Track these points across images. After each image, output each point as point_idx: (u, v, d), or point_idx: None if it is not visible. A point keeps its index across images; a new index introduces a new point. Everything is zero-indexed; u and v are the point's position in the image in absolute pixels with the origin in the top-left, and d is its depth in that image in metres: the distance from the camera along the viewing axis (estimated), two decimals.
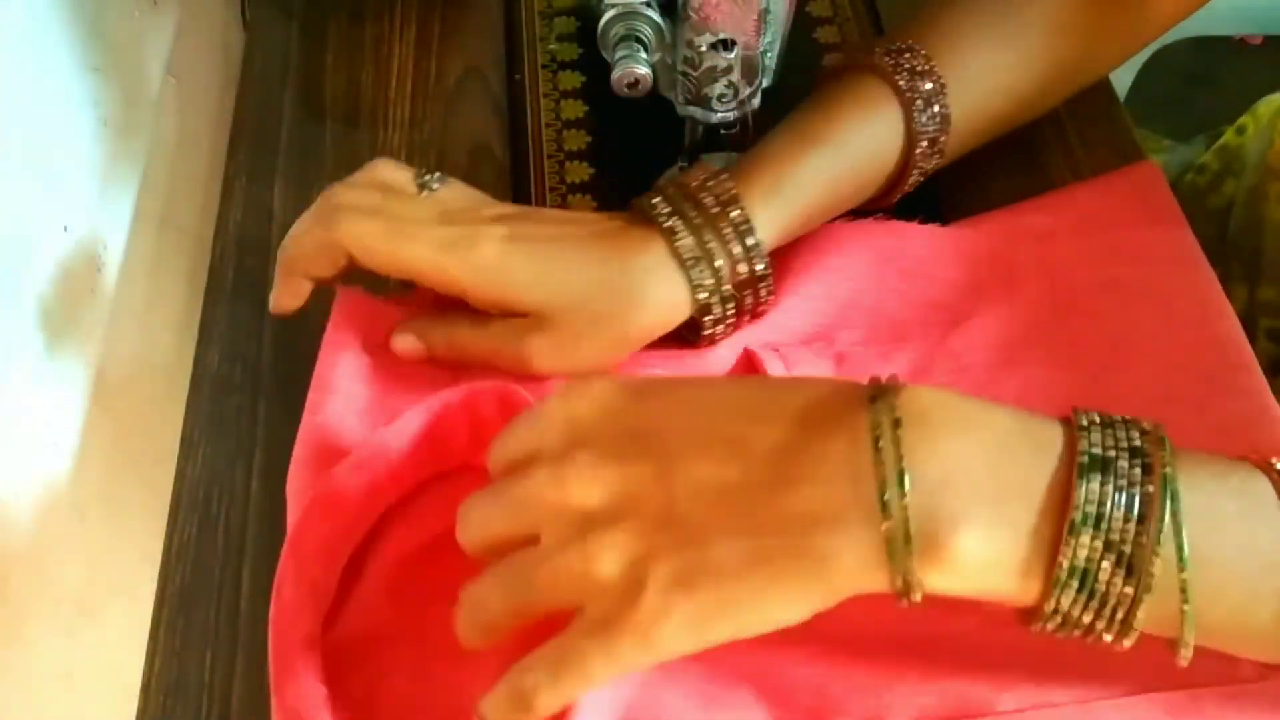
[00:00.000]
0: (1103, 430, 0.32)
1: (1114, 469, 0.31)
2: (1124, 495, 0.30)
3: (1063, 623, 0.32)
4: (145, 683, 0.44)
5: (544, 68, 0.64)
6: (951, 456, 0.31)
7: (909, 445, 0.30)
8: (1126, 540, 0.30)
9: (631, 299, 0.44)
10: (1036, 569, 0.31)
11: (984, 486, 0.31)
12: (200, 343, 0.53)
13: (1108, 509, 0.30)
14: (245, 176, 0.59)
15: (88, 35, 0.55)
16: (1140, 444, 0.31)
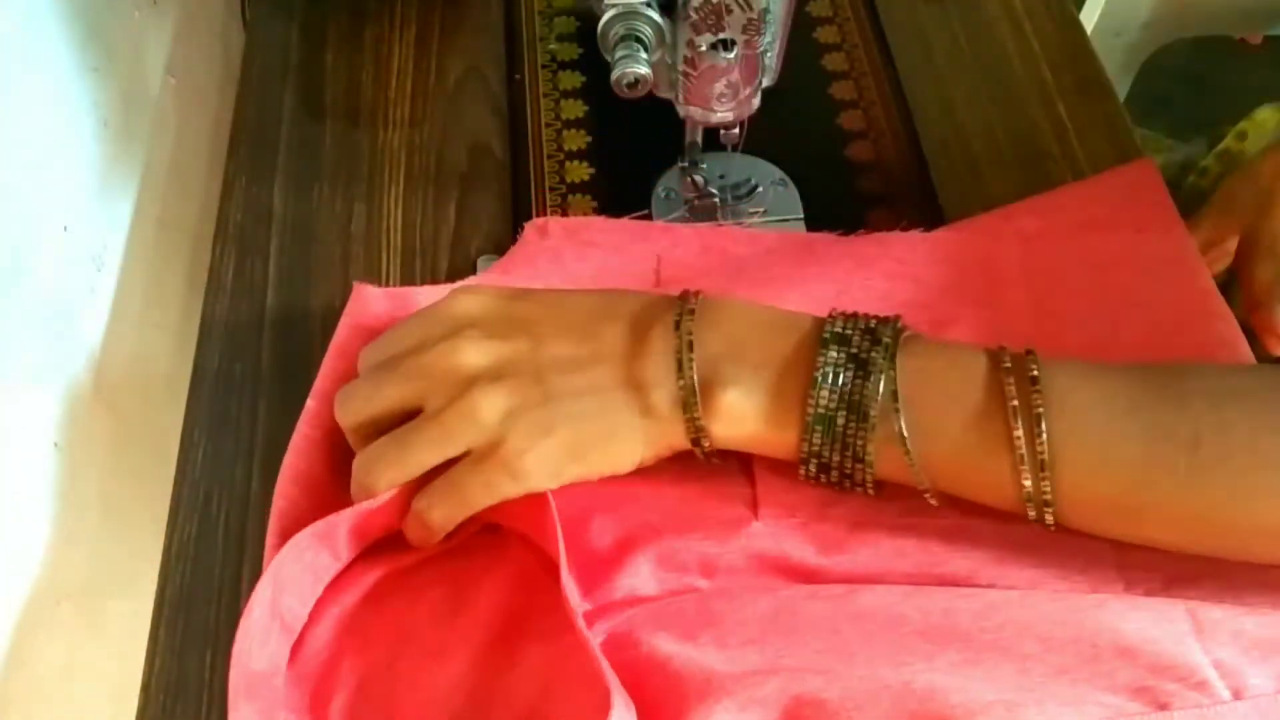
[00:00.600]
0: (845, 319, 0.41)
1: (849, 341, 0.40)
2: (855, 361, 0.40)
3: (820, 467, 0.41)
4: (145, 682, 0.44)
5: (544, 67, 0.64)
6: (726, 336, 0.41)
7: (698, 328, 0.41)
8: (856, 392, 0.39)
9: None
10: (790, 422, 0.41)
11: (747, 358, 0.41)
12: (200, 343, 0.53)
13: (842, 372, 0.40)
14: (245, 176, 0.59)
15: (87, 35, 0.55)
16: (873, 327, 0.41)
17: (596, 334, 0.42)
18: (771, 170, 0.58)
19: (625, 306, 0.43)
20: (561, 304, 0.44)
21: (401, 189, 0.59)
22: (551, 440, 0.41)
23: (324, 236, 0.57)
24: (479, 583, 0.43)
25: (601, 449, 0.42)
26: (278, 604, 0.40)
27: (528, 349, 0.42)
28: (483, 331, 0.42)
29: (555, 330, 0.42)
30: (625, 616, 0.41)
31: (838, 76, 0.63)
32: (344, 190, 0.59)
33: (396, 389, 0.42)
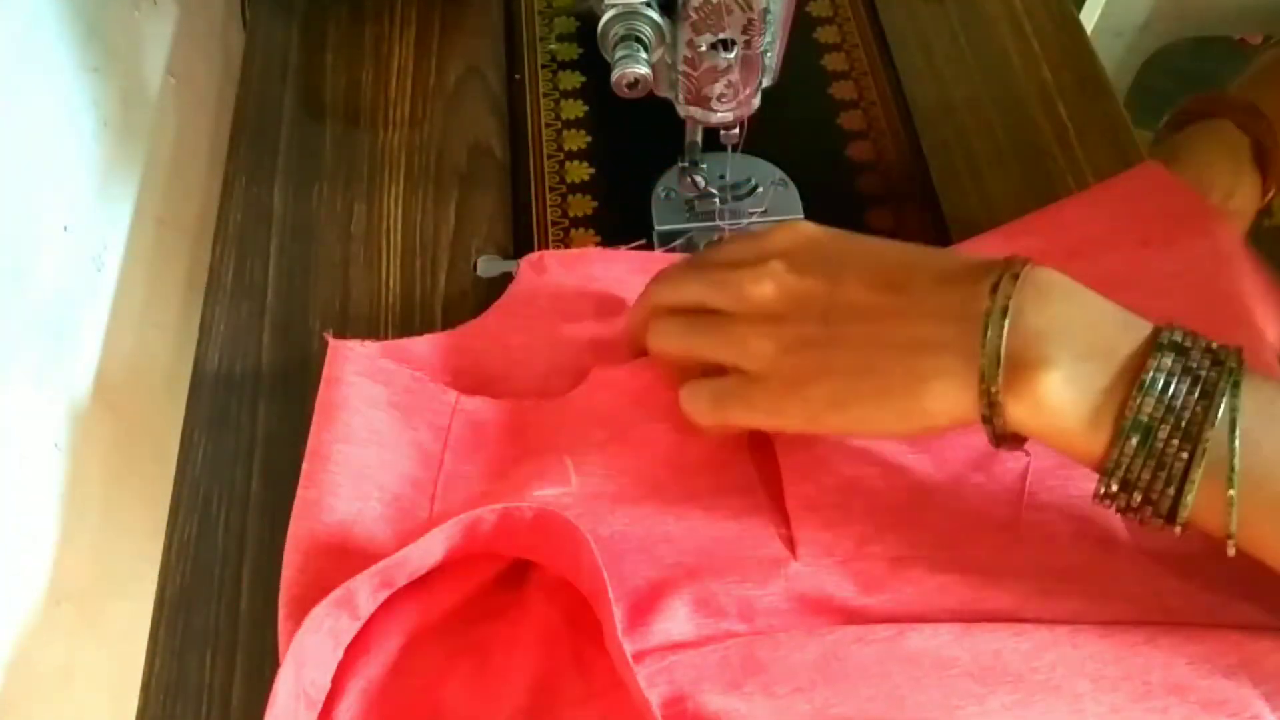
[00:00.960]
0: (1185, 333, 0.36)
1: (1187, 354, 0.35)
2: (1190, 375, 0.35)
3: (1124, 484, 0.36)
4: (145, 682, 0.44)
5: (544, 67, 0.64)
6: (1052, 315, 0.37)
7: (1019, 299, 0.37)
8: (1187, 409, 0.35)
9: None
10: (1104, 423, 0.36)
11: (1074, 344, 0.36)
12: (200, 343, 0.53)
13: (1174, 382, 0.35)
14: (245, 176, 0.59)
15: (87, 35, 0.55)
16: (1215, 348, 0.36)
17: (902, 285, 0.39)
18: (771, 170, 0.58)
19: (945, 262, 0.40)
20: (878, 249, 0.42)
21: (401, 189, 0.59)
22: (818, 386, 0.40)
23: (324, 236, 0.57)
24: (506, 649, 0.42)
25: (867, 405, 0.39)
26: (300, 681, 0.38)
27: (824, 290, 0.40)
28: (787, 265, 0.41)
29: (860, 274, 0.40)
30: (665, 665, 0.39)
31: (838, 76, 0.63)
32: (344, 190, 0.59)
33: (700, 290, 0.43)
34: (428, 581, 0.42)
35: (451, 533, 0.40)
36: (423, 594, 0.42)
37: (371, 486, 0.44)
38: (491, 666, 0.41)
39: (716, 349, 0.43)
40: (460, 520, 0.39)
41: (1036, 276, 0.38)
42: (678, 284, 0.45)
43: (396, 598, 0.42)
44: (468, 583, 0.43)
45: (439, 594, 0.43)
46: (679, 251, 0.55)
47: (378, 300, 0.54)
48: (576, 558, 0.40)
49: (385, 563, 0.39)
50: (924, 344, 0.38)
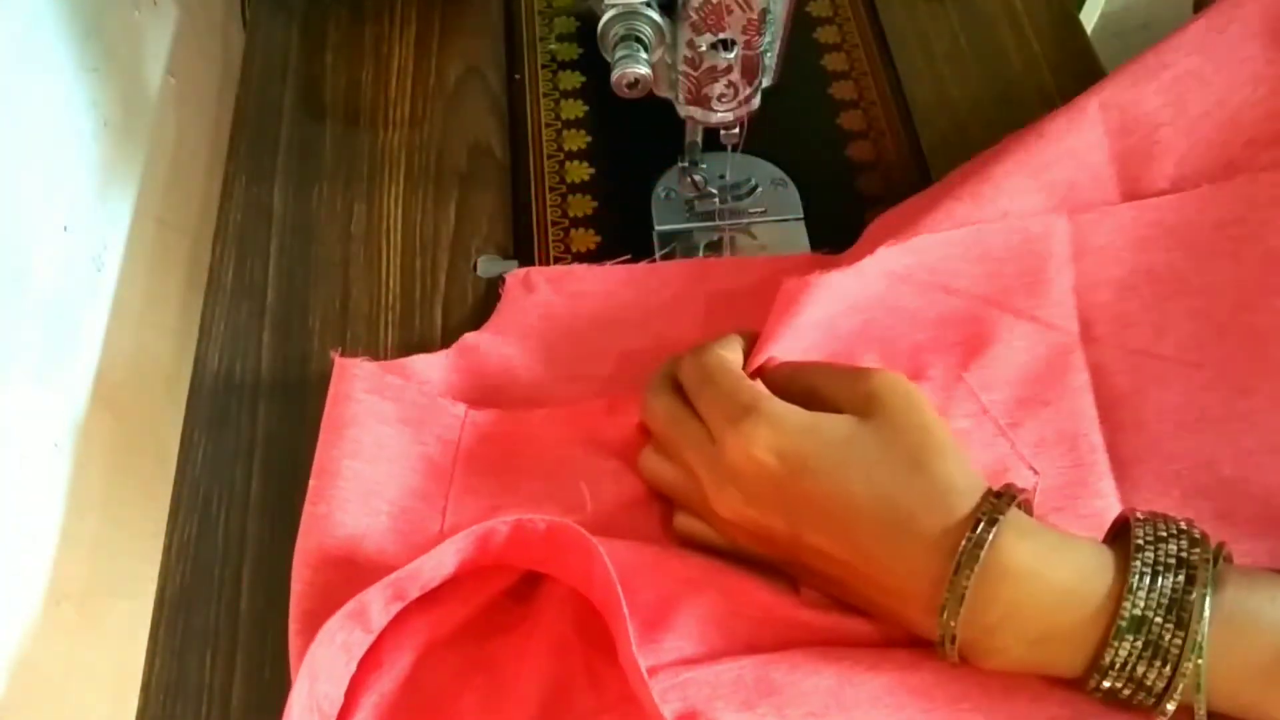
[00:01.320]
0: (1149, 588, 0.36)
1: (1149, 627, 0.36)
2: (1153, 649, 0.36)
3: (1105, 696, 0.37)
4: (145, 682, 0.44)
5: (544, 67, 0.64)
6: (1007, 605, 0.37)
7: (975, 591, 0.37)
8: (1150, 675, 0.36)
9: None
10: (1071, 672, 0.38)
11: (1028, 631, 0.37)
12: (200, 343, 0.53)
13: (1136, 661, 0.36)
14: (245, 176, 0.59)
15: (87, 35, 0.55)
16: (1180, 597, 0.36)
17: (865, 552, 0.39)
18: (771, 170, 0.58)
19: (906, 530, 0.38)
20: (835, 503, 0.39)
21: (401, 189, 0.59)
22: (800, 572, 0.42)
23: (324, 236, 0.57)
24: (518, 663, 0.41)
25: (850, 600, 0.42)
26: (314, 695, 0.38)
27: (784, 530, 0.40)
28: (745, 498, 0.40)
29: (817, 530, 0.40)
30: (678, 681, 0.39)
31: (838, 76, 0.63)
32: (344, 190, 0.59)
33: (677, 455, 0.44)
34: (440, 595, 0.42)
35: (463, 545, 0.40)
36: (435, 607, 0.42)
37: (381, 501, 0.44)
38: (503, 680, 0.41)
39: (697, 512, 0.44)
40: (473, 532, 0.39)
41: (997, 564, 0.37)
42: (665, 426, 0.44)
43: (408, 611, 0.41)
44: (479, 595, 0.43)
45: (451, 607, 0.42)
46: (675, 256, 0.55)
47: (378, 300, 0.54)
48: (589, 570, 0.40)
49: (397, 574, 0.39)
50: (888, 608, 0.40)
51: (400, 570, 0.39)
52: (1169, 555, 0.37)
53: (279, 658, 0.44)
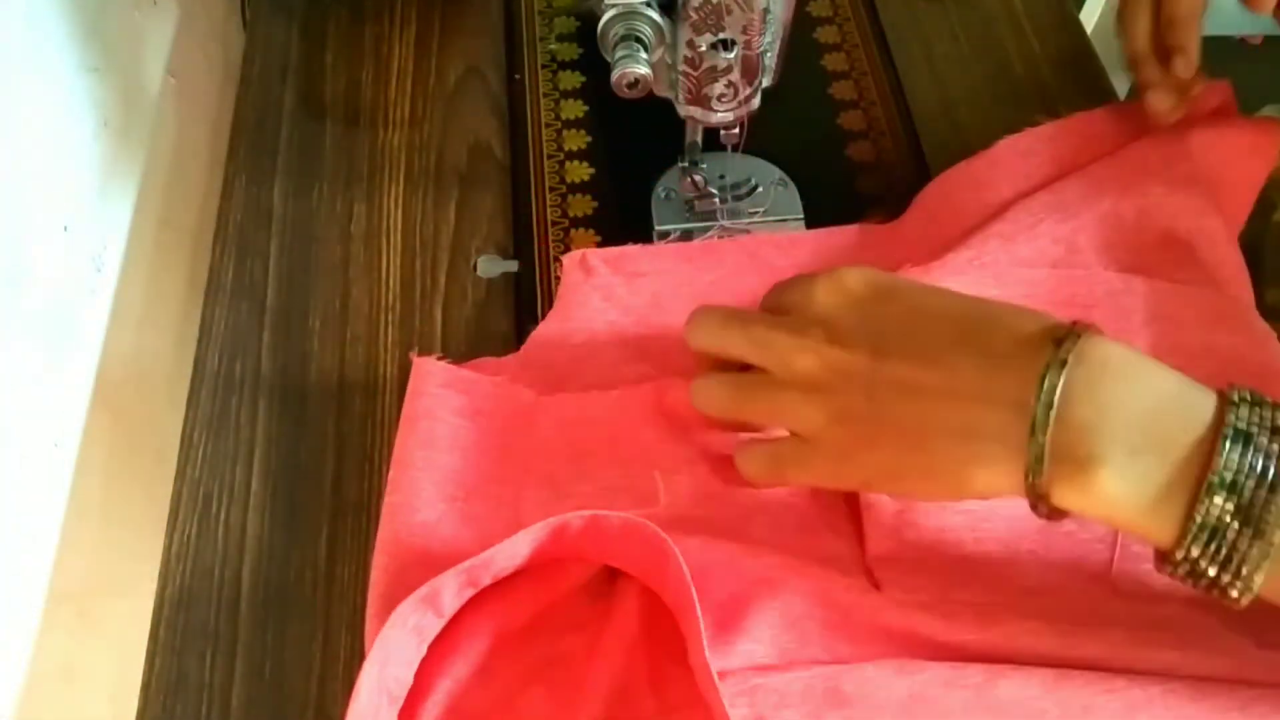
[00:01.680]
0: (1251, 407, 0.35)
1: (1254, 443, 0.34)
2: (1260, 465, 0.34)
3: (1190, 570, 0.36)
4: (145, 682, 0.44)
5: (544, 67, 0.64)
6: (1103, 404, 0.35)
7: (1069, 386, 0.35)
8: (1256, 505, 0.34)
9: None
10: (1168, 517, 0.35)
11: (1128, 436, 0.35)
12: (200, 343, 0.53)
13: (1243, 477, 0.34)
14: (245, 176, 0.59)
15: (87, 36, 0.55)
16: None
17: (948, 364, 0.38)
18: (771, 170, 0.58)
19: (993, 335, 0.38)
20: (924, 314, 0.40)
21: (401, 189, 0.59)
22: (870, 455, 0.40)
23: (324, 236, 0.57)
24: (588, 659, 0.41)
25: (917, 480, 0.40)
26: (384, 677, 0.38)
27: (867, 364, 0.39)
28: (828, 335, 0.40)
29: (902, 348, 0.39)
30: (747, 687, 0.39)
31: (838, 77, 0.63)
32: (344, 190, 0.59)
33: (743, 349, 0.43)
34: (516, 586, 0.42)
35: (538, 535, 0.40)
36: (510, 597, 0.42)
37: (455, 488, 0.45)
38: (572, 677, 0.41)
39: (767, 415, 0.43)
40: (548, 524, 0.39)
41: (1089, 356, 0.36)
42: (719, 336, 0.44)
43: (485, 599, 0.42)
44: (555, 589, 0.43)
45: (526, 599, 0.43)
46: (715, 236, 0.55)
47: (378, 300, 0.54)
48: (663, 569, 0.40)
49: (471, 562, 0.39)
50: (970, 431, 0.37)
51: (474, 558, 0.39)
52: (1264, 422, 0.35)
53: (279, 657, 0.44)
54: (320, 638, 0.44)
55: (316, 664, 0.44)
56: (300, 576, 0.46)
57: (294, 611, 0.45)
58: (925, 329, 0.39)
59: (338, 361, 0.52)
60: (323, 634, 0.45)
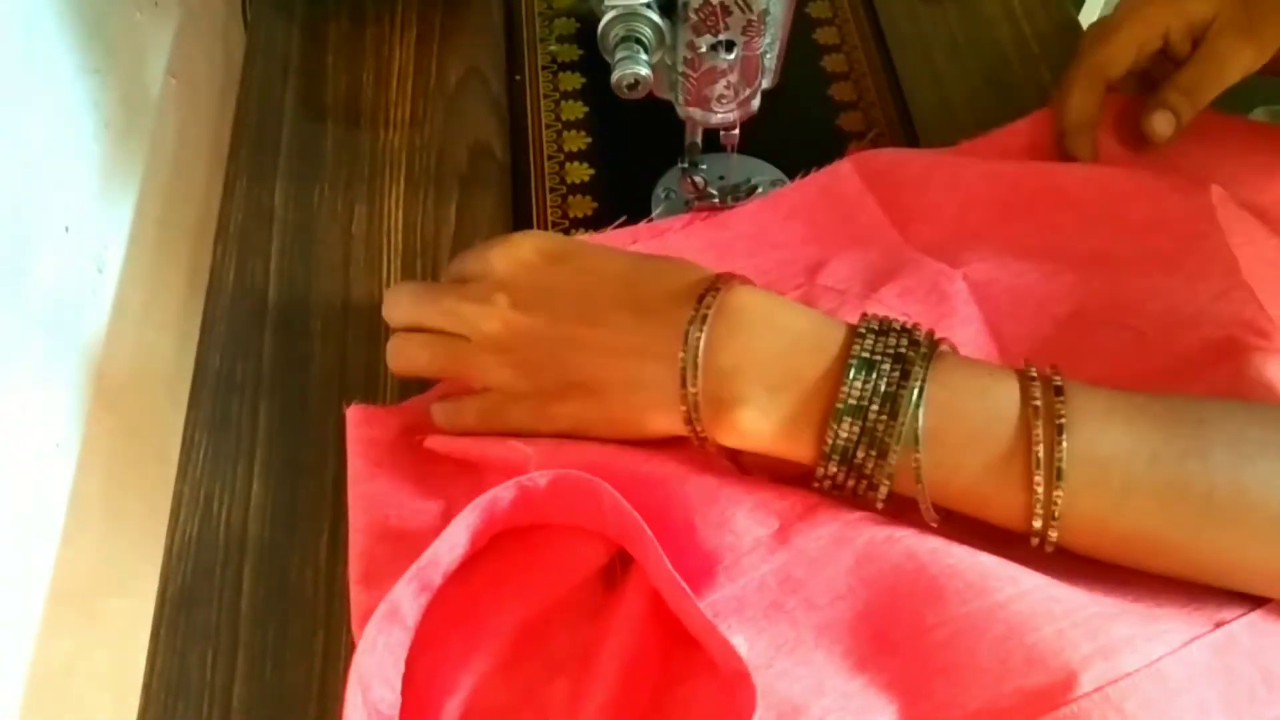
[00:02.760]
0: (876, 337, 0.39)
1: (877, 369, 0.38)
2: (881, 394, 0.38)
3: (834, 485, 0.40)
4: (146, 682, 0.44)
5: (544, 69, 0.64)
6: (741, 348, 0.40)
7: (711, 338, 0.40)
8: (879, 429, 0.38)
9: None
10: (807, 442, 0.39)
11: (766, 375, 0.39)
12: (201, 343, 0.53)
13: (866, 402, 0.38)
14: (246, 177, 0.59)
15: (88, 37, 0.55)
16: (904, 350, 0.39)
17: (611, 322, 0.42)
18: (771, 171, 0.58)
19: (649, 295, 0.42)
20: (590, 277, 0.43)
21: (402, 190, 0.59)
22: (559, 407, 0.43)
23: (324, 237, 0.57)
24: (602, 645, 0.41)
25: (604, 428, 0.43)
26: (369, 702, 0.38)
27: (545, 324, 0.43)
28: (510, 299, 0.43)
29: (574, 309, 0.43)
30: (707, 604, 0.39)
31: (837, 78, 0.64)
32: (344, 191, 0.59)
33: (436, 321, 0.45)
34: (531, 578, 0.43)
35: (471, 519, 0.40)
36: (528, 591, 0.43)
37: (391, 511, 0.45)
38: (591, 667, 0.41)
39: (465, 374, 0.45)
40: (477, 505, 0.40)
41: (728, 306, 0.40)
42: (413, 310, 0.46)
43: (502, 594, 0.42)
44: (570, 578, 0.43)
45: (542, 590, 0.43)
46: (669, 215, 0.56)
47: (378, 301, 0.54)
48: (599, 508, 0.41)
49: (418, 565, 0.39)
50: (635, 383, 0.41)
51: (418, 561, 0.39)
52: (887, 349, 0.39)
53: (280, 657, 0.44)
54: (321, 637, 0.45)
55: (317, 664, 0.44)
56: (301, 576, 0.46)
57: (295, 611, 0.45)
58: (592, 289, 0.43)
59: (339, 362, 0.52)
60: (324, 634, 0.45)
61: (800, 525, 0.41)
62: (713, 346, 0.40)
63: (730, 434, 0.40)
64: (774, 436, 0.40)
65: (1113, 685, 0.35)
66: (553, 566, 0.43)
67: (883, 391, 0.38)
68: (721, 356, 0.40)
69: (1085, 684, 0.35)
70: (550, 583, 0.43)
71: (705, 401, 0.40)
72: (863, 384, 0.38)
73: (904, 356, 0.39)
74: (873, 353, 0.39)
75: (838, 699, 0.37)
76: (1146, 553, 0.38)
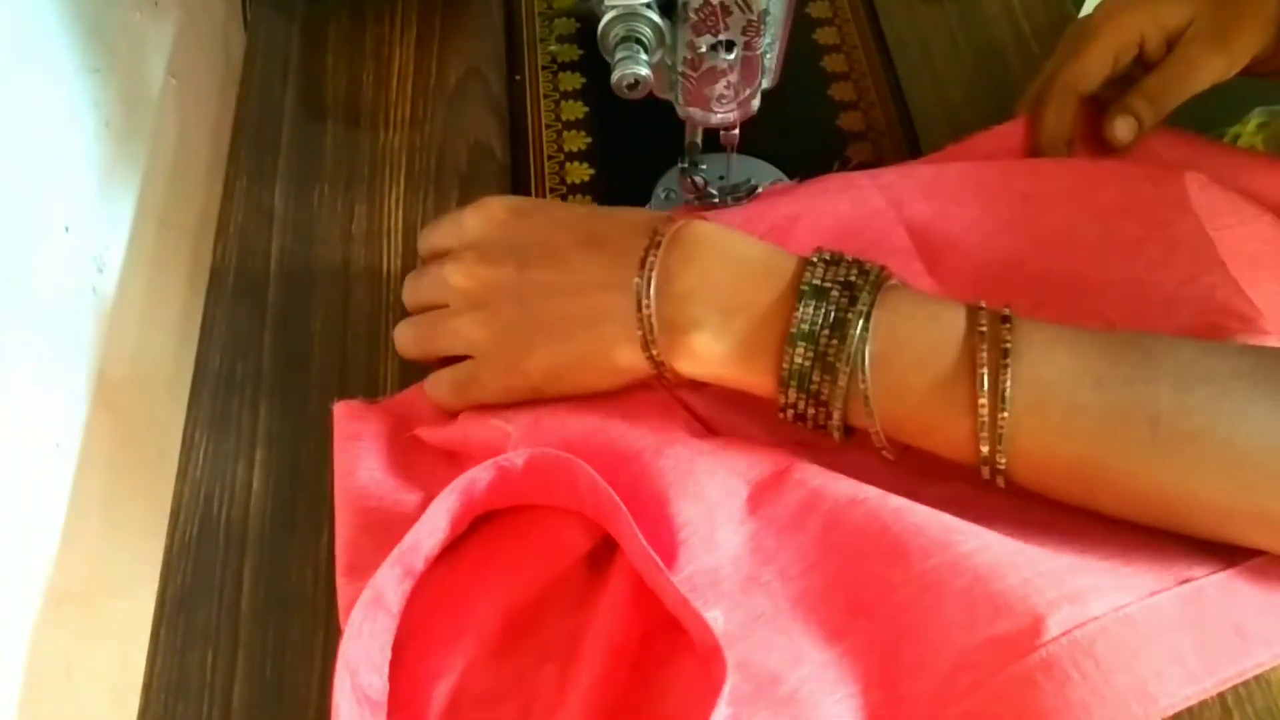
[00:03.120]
0: (827, 266, 0.41)
1: (827, 296, 0.40)
2: (830, 319, 0.39)
3: (797, 415, 0.41)
4: (146, 682, 0.44)
5: (544, 69, 0.64)
6: (698, 275, 0.41)
7: (666, 262, 0.41)
8: (830, 352, 0.39)
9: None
10: (765, 369, 0.40)
11: (719, 300, 0.41)
12: (201, 343, 0.53)
13: (817, 328, 0.39)
14: (246, 177, 0.59)
15: (88, 36, 0.55)
16: (854, 279, 0.40)
17: (575, 263, 0.43)
18: (771, 171, 0.58)
19: (608, 232, 0.44)
20: (554, 225, 0.45)
21: (402, 190, 0.59)
22: (531, 360, 0.44)
23: (325, 237, 0.57)
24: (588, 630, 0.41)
25: (576, 373, 0.44)
26: (357, 688, 0.39)
27: (513, 274, 0.44)
28: (478, 255, 0.45)
29: (540, 255, 0.44)
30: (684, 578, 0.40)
31: (837, 78, 0.64)
32: (345, 191, 0.59)
33: (422, 295, 0.48)
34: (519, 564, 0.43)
35: (451, 502, 0.40)
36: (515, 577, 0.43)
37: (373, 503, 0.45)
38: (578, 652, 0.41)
39: (443, 344, 0.46)
40: (455, 487, 0.40)
41: (683, 236, 0.42)
42: (410, 289, 0.49)
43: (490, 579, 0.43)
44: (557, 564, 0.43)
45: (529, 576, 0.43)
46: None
47: (378, 301, 0.54)
48: (575, 487, 0.41)
49: (399, 550, 0.39)
50: (599, 316, 0.42)
51: (400, 545, 0.39)
52: (836, 277, 0.40)
53: (280, 657, 0.44)
54: (321, 637, 0.45)
55: (317, 664, 0.44)
56: (301, 576, 0.46)
57: (295, 611, 0.45)
58: (557, 236, 0.44)
59: (339, 362, 0.52)
60: (324, 634, 0.45)
61: (767, 495, 0.41)
62: (668, 272, 0.41)
63: (686, 358, 0.41)
64: (728, 360, 0.41)
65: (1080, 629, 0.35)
66: (538, 552, 0.43)
67: (833, 319, 0.39)
68: (676, 283, 0.41)
69: (1053, 628, 0.35)
70: (536, 568, 0.43)
71: (661, 326, 0.41)
72: (814, 310, 0.39)
73: (853, 284, 0.40)
74: (823, 280, 0.40)
75: (814, 668, 0.38)
76: (1093, 484, 0.39)
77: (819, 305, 0.39)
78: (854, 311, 0.39)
